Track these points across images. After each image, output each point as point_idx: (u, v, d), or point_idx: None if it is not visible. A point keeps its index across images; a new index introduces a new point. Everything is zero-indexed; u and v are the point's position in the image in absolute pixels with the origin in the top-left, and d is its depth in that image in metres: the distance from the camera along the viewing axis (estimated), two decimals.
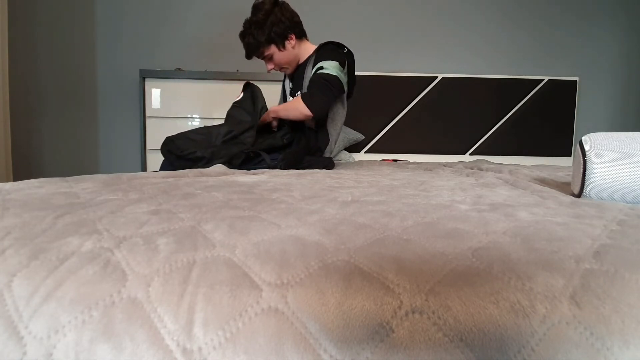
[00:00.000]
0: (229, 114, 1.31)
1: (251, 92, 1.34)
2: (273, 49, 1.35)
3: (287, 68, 1.43)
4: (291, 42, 1.37)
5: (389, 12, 2.45)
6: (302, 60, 1.45)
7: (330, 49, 1.34)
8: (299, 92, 1.43)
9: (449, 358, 0.27)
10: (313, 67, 1.33)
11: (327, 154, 1.46)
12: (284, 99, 1.61)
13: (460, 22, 2.46)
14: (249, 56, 1.37)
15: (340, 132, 1.52)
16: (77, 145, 2.37)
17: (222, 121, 1.33)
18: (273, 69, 1.42)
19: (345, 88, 1.36)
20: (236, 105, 1.33)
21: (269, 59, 1.37)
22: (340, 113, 1.44)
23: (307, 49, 1.44)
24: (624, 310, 0.28)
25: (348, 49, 1.38)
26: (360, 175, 0.98)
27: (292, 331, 0.28)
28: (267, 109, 1.33)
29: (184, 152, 1.14)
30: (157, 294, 0.30)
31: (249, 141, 1.21)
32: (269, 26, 1.30)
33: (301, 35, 1.41)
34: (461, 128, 2.39)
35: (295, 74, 1.49)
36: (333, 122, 1.42)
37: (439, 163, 1.79)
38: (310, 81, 1.28)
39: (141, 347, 0.28)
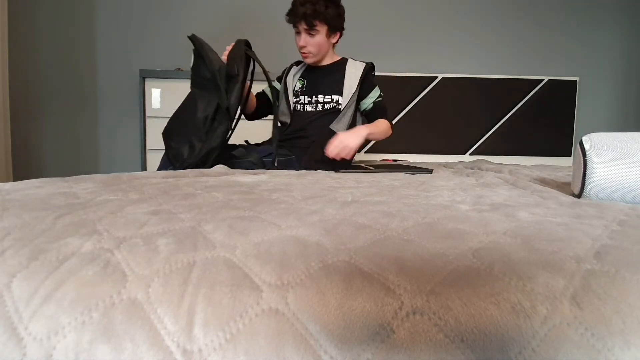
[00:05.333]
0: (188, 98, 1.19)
1: (198, 53, 1.15)
2: (325, 29, 1.36)
3: (311, 56, 1.41)
4: (335, 38, 1.44)
5: (388, 13, 2.44)
6: (325, 62, 1.48)
7: (373, 75, 1.49)
8: (319, 97, 1.44)
9: (449, 359, 0.27)
10: (366, 90, 1.44)
11: None
12: (285, 96, 1.55)
13: (460, 22, 2.46)
14: (300, 17, 1.33)
15: None
16: (77, 145, 2.37)
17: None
18: (303, 47, 1.39)
19: None
20: (193, 77, 1.18)
21: (312, 35, 1.36)
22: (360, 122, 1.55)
23: (333, 56, 1.50)
24: (625, 310, 0.28)
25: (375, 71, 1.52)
26: (360, 175, 0.98)
27: (293, 332, 0.28)
28: (234, 70, 1.15)
29: (176, 164, 1.12)
30: (157, 295, 0.30)
31: (220, 135, 1.12)
32: (336, 13, 1.36)
33: (336, 43, 1.51)
34: (461, 128, 2.39)
35: (314, 75, 1.49)
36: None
37: (439, 163, 1.79)
38: (380, 108, 1.46)
39: (141, 348, 0.28)
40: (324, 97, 1.43)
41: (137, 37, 2.35)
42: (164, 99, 2.12)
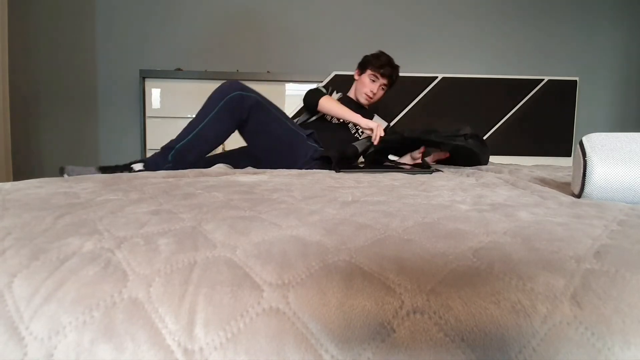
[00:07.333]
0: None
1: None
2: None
3: (371, 102, 1.77)
4: None
5: (389, 13, 2.45)
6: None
7: None
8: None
9: (450, 358, 0.27)
10: None
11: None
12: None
13: (460, 22, 2.46)
14: (389, 76, 1.70)
15: None
16: (77, 145, 2.37)
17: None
18: (374, 95, 1.72)
19: None
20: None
21: (383, 91, 1.76)
22: None
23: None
24: (625, 310, 0.28)
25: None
26: (360, 175, 0.98)
27: (294, 331, 0.28)
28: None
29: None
30: (158, 295, 0.30)
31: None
32: None
33: None
34: None
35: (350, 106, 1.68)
36: None
37: None
38: None
39: (142, 347, 0.28)
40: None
41: (137, 37, 2.35)
42: (164, 99, 2.13)
